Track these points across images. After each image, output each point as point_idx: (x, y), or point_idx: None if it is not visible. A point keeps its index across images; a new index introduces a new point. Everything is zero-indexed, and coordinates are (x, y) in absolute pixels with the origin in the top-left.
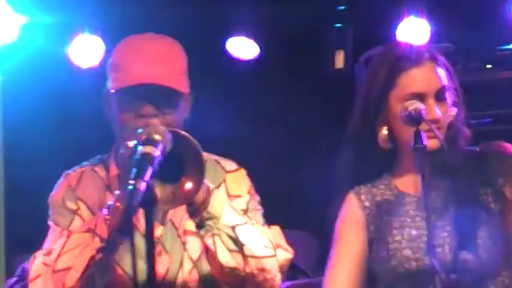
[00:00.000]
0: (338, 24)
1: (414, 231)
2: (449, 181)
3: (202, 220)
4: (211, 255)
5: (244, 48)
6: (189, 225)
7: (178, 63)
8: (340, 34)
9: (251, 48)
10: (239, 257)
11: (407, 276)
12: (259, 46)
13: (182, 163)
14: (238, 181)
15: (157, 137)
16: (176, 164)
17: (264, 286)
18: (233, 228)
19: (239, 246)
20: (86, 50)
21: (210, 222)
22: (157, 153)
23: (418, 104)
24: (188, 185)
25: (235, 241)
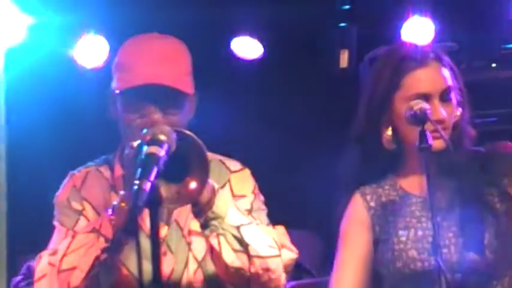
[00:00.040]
0: (342, 23)
1: (420, 231)
2: (454, 181)
3: (207, 220)
4: (216, 255)
5: (248, 48)
6: (194, 225)
7: (183, 63)
8: (344, 33)
9: (255, 48)
10: (244, 257)
11: (412, 276)
12: (263, 46)
13: (187, 163)
14: (242, 181)
15: (162, 137)
16: (181, 164)
17: (269, 286)
18: (238, 228)
19: (244, 246)
20: (91, 50)
21: (215, 222)
22: (162, 153)
23: (423, 104)
24: (193, 185)
25: (240, 241)
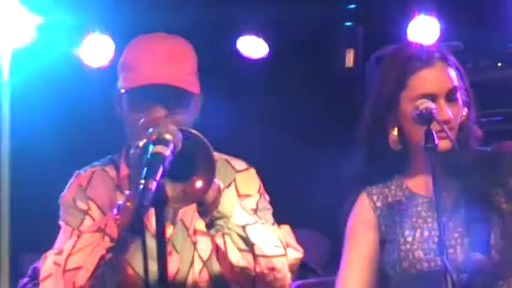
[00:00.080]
0: (348, 22)
1: (426, 232)
2: (460, 182)
3: (212, 219)
4: (221, 254)
5: (254, 47)
6: (199, 225)
7: (188, 63)
8: (350, 33)
9: (261, 47)
10: (249, 257)
11: (419, 277)
12: (268, 45)
13: (193, 162)
14: (248, 180)
15: (168, 137)
16: (187, 163)
17: (275, 285)
18: (243, 227)
19: (249, 245)
20: (96, 50)
21: (221, 221)
22: (168, 152)
23: (429, 103)
24: (199, 184)
25: (245, 240)
